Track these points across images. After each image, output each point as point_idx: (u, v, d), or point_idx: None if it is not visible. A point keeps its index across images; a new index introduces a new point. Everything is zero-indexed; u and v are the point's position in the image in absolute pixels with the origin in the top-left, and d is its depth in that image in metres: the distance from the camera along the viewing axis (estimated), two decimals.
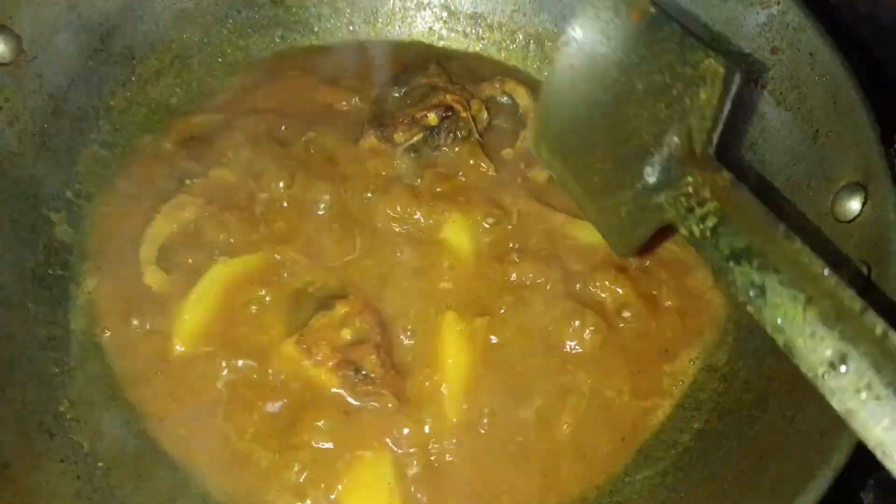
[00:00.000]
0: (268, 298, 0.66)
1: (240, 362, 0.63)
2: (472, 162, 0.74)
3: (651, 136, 0.53)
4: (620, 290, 0.69)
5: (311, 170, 0.72)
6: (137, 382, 0.64)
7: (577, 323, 0.66)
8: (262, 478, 0.60)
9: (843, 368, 0.40)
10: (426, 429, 0.62)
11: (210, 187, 0.72)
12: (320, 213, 0.71)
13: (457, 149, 0.75)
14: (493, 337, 0.66)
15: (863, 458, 0.74)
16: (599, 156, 0.60)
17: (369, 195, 0.72)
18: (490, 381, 0.64)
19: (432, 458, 0.62)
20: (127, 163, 0.75)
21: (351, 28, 0.87)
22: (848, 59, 0.65)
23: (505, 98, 0.81)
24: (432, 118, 0.73)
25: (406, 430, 0.62)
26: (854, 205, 0.61)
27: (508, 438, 0.63)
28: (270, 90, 0.80)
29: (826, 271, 0.42)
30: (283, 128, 0.76)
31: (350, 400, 0.63)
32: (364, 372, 0.62)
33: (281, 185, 0.71)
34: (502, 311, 0.67)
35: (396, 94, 0.76)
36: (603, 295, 0.69)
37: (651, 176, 0.53)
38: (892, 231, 0.57)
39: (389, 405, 0.62)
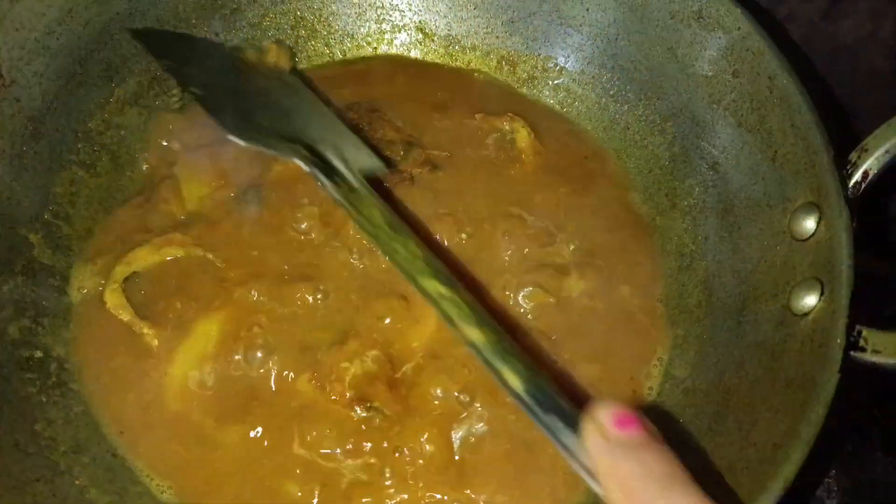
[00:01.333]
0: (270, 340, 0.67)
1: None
2: None
3: None
4: None
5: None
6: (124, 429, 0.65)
7: None
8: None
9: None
10: None
11: (207, 231, 0.73)
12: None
13: None
14: None
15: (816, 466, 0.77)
16: None
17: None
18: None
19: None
20: (110, 186, 0.77)
21: (327, 50, 0.89)
22: (805, 82, 0.68)
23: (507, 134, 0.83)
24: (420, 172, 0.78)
25: None
26: (809, 224, 0.64)
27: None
28: None
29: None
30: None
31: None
32: (376, 407, 0.63)
33: None
34: None
35: None
36: None
37: None
38: (844, 249, 0.59)
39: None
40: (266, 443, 0.63)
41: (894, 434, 0.80)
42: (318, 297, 0.70)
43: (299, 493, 0.61)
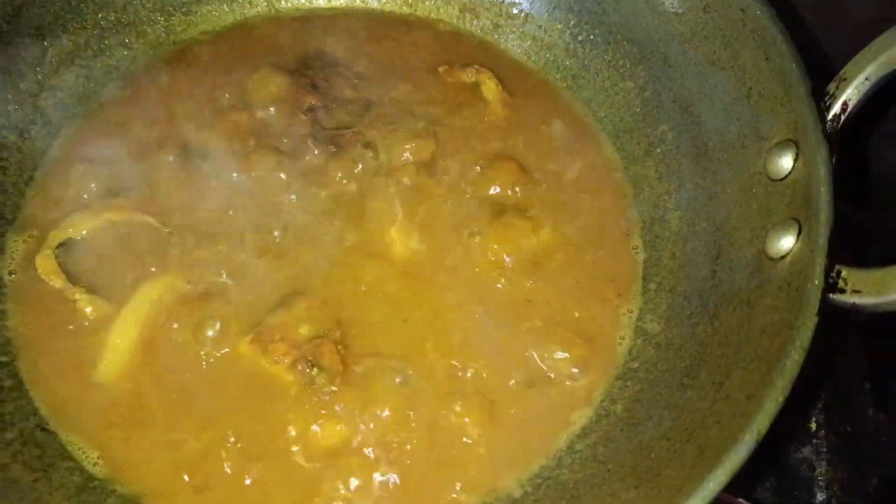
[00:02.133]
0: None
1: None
2: None
3: None
4: None
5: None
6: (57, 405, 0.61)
7: None
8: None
9: None
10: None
11: (149, 196, 0.69)
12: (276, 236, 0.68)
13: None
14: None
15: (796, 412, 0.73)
16: None
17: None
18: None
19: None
20: (45, 151, 0.72)
21: (287, 2, 0.84)
22: (780, 14, 0.63)
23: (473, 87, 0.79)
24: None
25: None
26: (786, 162, 0.60)
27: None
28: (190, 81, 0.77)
29: None
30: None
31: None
32: (322, 368, 0.60)
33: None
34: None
35: (321, 105, 0.75)
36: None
37: None
38: (823, 186, 0.55)
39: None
40: (203, 412, 0.59)
41: (885, 391, 0.76)
42: (265, 259, 0.66)
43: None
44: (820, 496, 0.75)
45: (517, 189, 0.72)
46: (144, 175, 0.70)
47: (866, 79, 0.57)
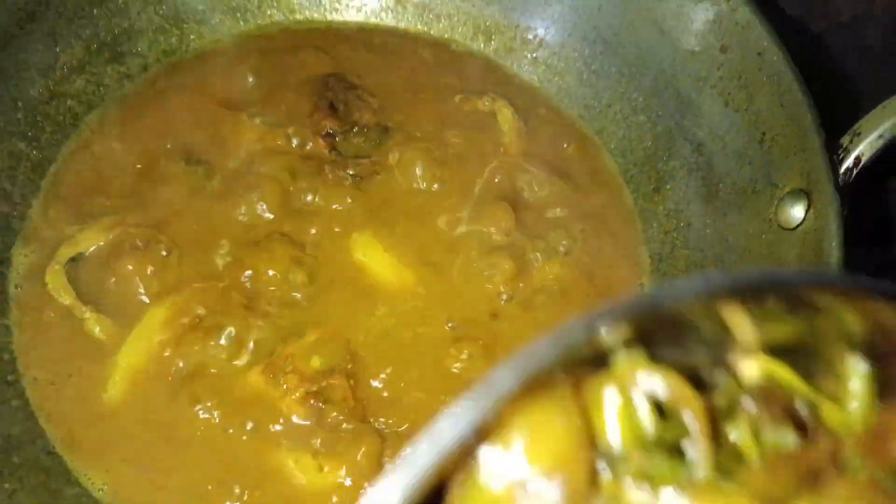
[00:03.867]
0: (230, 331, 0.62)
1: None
2: None
3: None
4: None
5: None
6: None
7: None
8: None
9: None
10: None
11: (162, 213, 0.68)
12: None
13: None
14: None
15: None
16: None
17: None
18: None
19: None
20: (54, 160, 0.71)
21: (293, 15, 0.83)
22: (797, 60, 0.64)
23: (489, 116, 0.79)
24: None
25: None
26: (797, 212, 0.60)
27: None
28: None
29: None
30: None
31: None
32: (333, 403, 0.60)
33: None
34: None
35: (339, 129, 0.74)
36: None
37: None
38: (834, 240, 0.56)
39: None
40: (212, 440, 0.59)
41: None
42: (276, 285, 0.66)
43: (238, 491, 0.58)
44: None
45: (527, 224, 0.72)
46: (157, 190, 0.69)
47: (880, 136, 0.58)
